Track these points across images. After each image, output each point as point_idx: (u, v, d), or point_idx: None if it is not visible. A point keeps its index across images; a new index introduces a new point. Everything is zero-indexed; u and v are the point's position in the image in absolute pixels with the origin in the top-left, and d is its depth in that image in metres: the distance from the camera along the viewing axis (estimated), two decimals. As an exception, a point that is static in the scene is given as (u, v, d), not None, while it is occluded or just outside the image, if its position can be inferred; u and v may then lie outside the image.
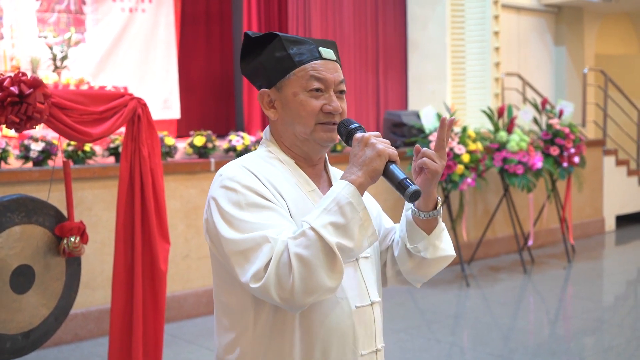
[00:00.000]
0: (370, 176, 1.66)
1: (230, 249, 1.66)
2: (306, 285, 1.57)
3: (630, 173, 10.04)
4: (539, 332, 5.62)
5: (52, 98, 3.20)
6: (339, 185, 1.65)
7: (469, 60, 9.07)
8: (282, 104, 1.82)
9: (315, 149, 1.84)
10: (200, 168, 5.89)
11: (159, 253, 3.69)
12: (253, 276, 1.60)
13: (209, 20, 10.69)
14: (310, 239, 1.58)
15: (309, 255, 1.57)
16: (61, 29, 8.68)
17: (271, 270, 1.58)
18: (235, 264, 1.65)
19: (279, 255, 1.59)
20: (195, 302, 5.85)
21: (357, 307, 1.79)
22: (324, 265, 1.58)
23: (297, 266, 1.57)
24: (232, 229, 1.67)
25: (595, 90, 10.86)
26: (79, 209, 5.11)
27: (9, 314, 3.32)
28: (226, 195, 1.71)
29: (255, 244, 1.62)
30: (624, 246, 9.18)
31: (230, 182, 1.72)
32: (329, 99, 1.79)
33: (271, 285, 1.58)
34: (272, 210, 1.69)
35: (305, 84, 1.78)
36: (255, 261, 1.61)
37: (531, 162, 7.12)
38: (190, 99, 10.25)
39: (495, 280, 7.05)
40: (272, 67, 1.81)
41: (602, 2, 9.93)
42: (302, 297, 1.58)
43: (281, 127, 1.84)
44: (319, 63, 1.79)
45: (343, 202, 1.61)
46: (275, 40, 1.82)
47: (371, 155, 1.66)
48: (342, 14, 9.27)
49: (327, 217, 1.60)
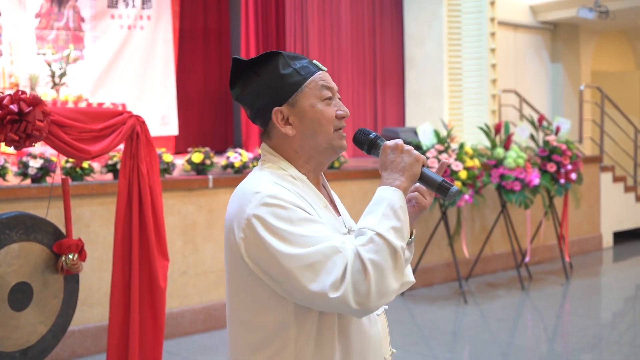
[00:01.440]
0: (411, 180, 1.78)
1: (294, 264, 1.67)
2: (379, 288, 1.64)
3: (628, 189, 10.05)
4: (536, 349, 5.61)
5: (52, 116, 3.21)
6: (387, 191, 1.74)
7: (466, 77, 9.11)
8: (300, 118, 1.85)
9: (331, 157, 1.91)
10: (198, 185, 5.90)
11: (158, 270, 3.69)
12: (331, 286, 1.64)
13: (207, 37, 10.75)
14: (378, 244, 1.66)
15: (380, 259, 1.65)
16: (60, 46, 8.73)
17: (348, 279, 1.64)
18: (301, 278, 1.66)
19: (352, 263, 1.65)
20: (193, 319, 5.84)
21: (378, 314, 1.90)
22: (392, 267, 1.67)
23: (372, 271, 1.64)
24: (289, 245, 1.68)
25: (592, 106, 10.91)
26: (76, 225, 5.11)
27: (6, 331, 3.31)
28: (273, 213, 1.71)
29: (324, 256, 1.66)
30: (621, 263, 9.18)
31: (273, 200, 1.72)
32: (337, 104, 1.88)
33: (349, 293, 1.63)
34: (319, 223, 1.74)
35: (319, 93, 1.85)
36: (329, 272, 1.65)
37: (528, 179, 7.14)
38: (188, 115, 10.28)
39: (493, 297, 7.05)
40: (281, 85, 1.84)
41: (598, 20, 9.99)
42: (376, 300, 1.65)
43: (301, 141, 1.86)
44: (321, 73, 1.87)
45: (397, 207, 1.71)
46: (279, 58, 1.85)
47: (410, 161, 1.78)
48: (340, 30, 9.32)
49: (388, 222, 1.69)
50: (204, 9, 10.69)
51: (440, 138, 6.86)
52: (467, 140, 8.27)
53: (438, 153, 6.73)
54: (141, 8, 9.26)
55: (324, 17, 9.18)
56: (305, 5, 8.98)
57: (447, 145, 6.83)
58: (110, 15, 9.09)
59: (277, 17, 9.84)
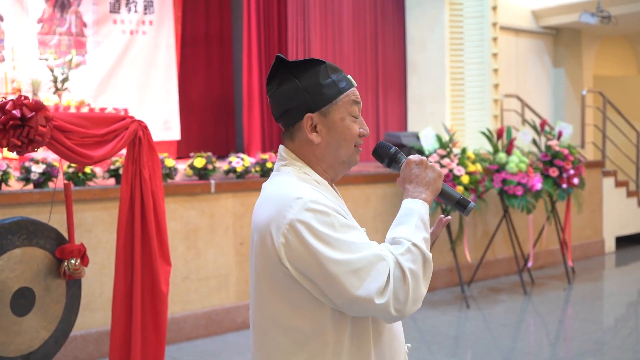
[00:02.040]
0: (434, 194, 1.92)
1: (340, 269, 1.73)
2: (414, 295, 1.75)
3: (630, 194, 10.04)
4: (539, 353, 5.60)
5: (54, 121, 3.22)
6: (416, 203, 1.87)
7: (468, 82, 9.12)
8: (328, 128, 1.91)
9: (345, 170, 1.99)
10: (201, 190, 5.90)
11: (160, 274, 3.69)
12: (377, 292, 1.72)
13: (209, 42, 10.76)
14: (414, 254, 1.77)
15: (417, 268, 1.76)
16: (62, 51, 8.74)
17: (391, 285, 1.73)
18: (346, 283, 1.72)
19: (393, 271, 1.74)
20: (195, 324, 5.84)
21: None
22: (425, 276, 1.78)
23: (410, 279, 1.74)
24: (335, 250, 1.74)
25: (594, 111, 10.91)
26: (78, 230, 5.11)
27: (9, 336, 3.31)
28: (317, 218, 1.76)
29: (369, 263, 1.74)
30: (624, 267, 9.16)
31: (317, 205, 1.77)
32: (361, 123, 1.95)
33: (391, 299, 1.72)
34: (357, 229, 1.82)
35: (350, 109, 1.92)
36: (374, 279, 1.73)
37: (530, 184, 7.13)
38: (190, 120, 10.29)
39: (496, 302, 7.04)
40: (318, 93, 1.90)
41: (600, 25, 9.99)
42: (411, 307, 1.75)
43: (324, 150, 1.93)
44: (354, 90, 1.95)
45: (425, 219, 1.85)
46: (322, 67, 1.92)
47: (434, 176, 1.92)
48: (342, 35, 9.33)
49: (421, 233, 1.81)
50: (206, 14, 10.71)
51: (442, 143, 6.86)
52: (469, 145, 8.28)
53: (440, 158, 6.73)
54: (143, 13, 9.27)
55: (326, 22, 9.19)
56: (308, 10, 8.99)
57: (449, 150, 6.83)
58: (113, 20, 9.11)
59: (279, 22, 9.85)
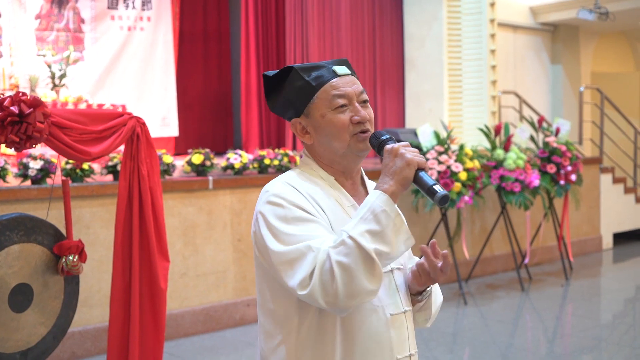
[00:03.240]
0: (401, 184, 1.78)
1: (278, 259, 1.78)
2: (348, 289, 1.70)
3: (627, 191, 10.05)
4: (536, 350, 5.61)
5: (52, 117, 3.21)
6: (373, 194, 1.77)
7: (466, 79, 9.12)
8: (314, 128, 1.94)
9: (354, 160, 1.95)
10: (199, 186, 5.90)
11: (158, 271, 3.69)
12: (300, 284, 1.73)
13: (207, 38, 10.75)
14: (349, 246, 1.71)
15: (349, 262, 1.70)
16: (60, 47, 8.73)
17: (316, 278, 1.71)
18: (282, 273, 1.78)
19: (322, 264, 1.72)
20: (193, 320, 5.84)
21: (392, 314, 1.92)
22: (363, 270, 1.70)
23: (338, 273, 1.69)
24: (278, 242, 1.80)
25: (592, 108, 10.91)
26: (76, 226, 5.12)
27: (7, 332, 3.31)
28: (273, 211, 1.84)
29: (300, 254, 1.75)
30: (621, 264, 9.18)
31: (276, 198, 1.85)
32: (354, 110, 1.91)
33: (317, 292, 1.71)
34: (315, 222, 1.82)
35: (329, 103, 1.91)
36: (301, 270, 1.74)
37: (528, 180, 7.14)
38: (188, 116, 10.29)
39: (493, 298, 7.05)
40: (295, 97, 1.94)
41: (597, 21, 9.99)
42: (345, 300, 1.71)
43: (319, 148, 1.96)
44: (336, 80, 1.92)
45: (377, 210, 1.74)
46: (292, 72, 1.94)
47: (401, 164, 1.78)
48: (340, 32, 9.32)
49: (364, 226, 1.73)
50: (204, 10, 10.70)
51: (440, 139, 6.86)
52: (467, 142, 8.28)
53: (438, 154, 6.74)
54: (141, 9, 9.26)
55: (324, 19, 9.18)
56: (305, 7, 8.98)
57: (447, 146, 6.84)
58: (111, 16, 9.10)
59: (277, 19, 9.84)
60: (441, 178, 6.64)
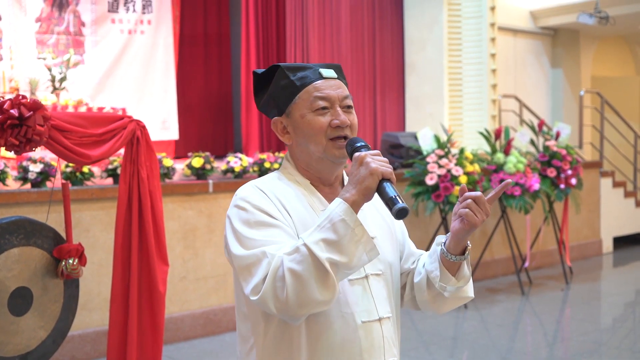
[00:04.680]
0: (363, 194, 1.72)
1: (238, 264, 1.78)
2: (299, 298, 1.66)
3: (627, 195, 10.05)
4: (536, 354, 5.60)
5: (52, 120, 3.21)
6: (334, 203, 1.72)
7: (466, 82, 9.12)
8: (294, 128, 1.92)
9: (330, 168, 1.93)
10: (198, 189, 5.90)
11: (157, 275, 3.68)
12: (252, 289, 1.71)
13: (207, 41, 10.76)
14: (302, 254, 1.67)
15: (301, 270, 1.66)
16: (60, 50, 8.73)
17: (267, 284, 1.68)
18: (241, 277, 1.77)
19: (275, 270, 1.68)
20: (193, 324, 5.83)
21: (363, 321, 1.85)
22: (316, 279, 1.66)
23: (290, 280, 1.66)
24: (240, 246, 1.79)
25: (592, 112, 10.91)
26: (76, 230, 5.11)
27: (6, 336, 3.31)
28: (237, 215, 1.83)
29: (257, 259, 1.73)
30: (621, 268, 9.17)
31: (242, 202, 1.84)
32: (335, 114, 1.87)
33: (268, 298, 1.68)
34: (278, 228, 1.79)
35: (310, 104, 1.88)
36: (255, 275, 1.72)
37: (528, 184, 7.14)
38: (188, 120, 10.28)
39: (493, 302, 7.04)
40: (279, 96, 1.92)
41: (598, 25, 10.00)
42: (295, 309, 1.68)
43: (297, 149, 1.94)
44: (320, 82, 1.89)
45: (336, 220, 1.69)
46: (278, 70, 1.92)
47: (364, 174, 1.72)
48: (340, 35, 9.32)
49: (320, 234, 1.68)
50: (204, 13, 10.70)
51: (441, 143, 6.86)
52: (467, 145, 8.28)
53: (438, 158, 6.74)
54: (142, 13, 9.26)
55: (324, 22, 9.18)
56: (306, 10, 8.98)
57: (447, 150, 6.84)
58: (111, 19, 9.10)
59: (278, 22, 9.84)
60: (441, 182, 6.64)
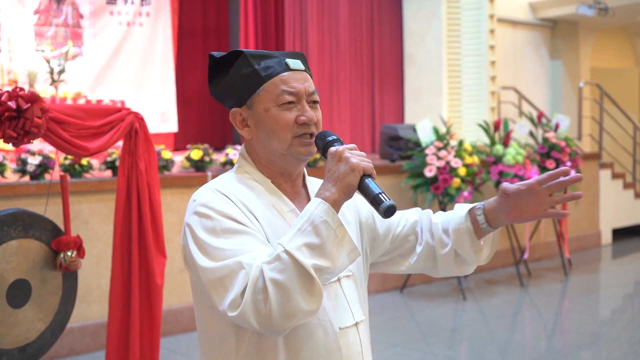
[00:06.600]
0: (344, 192, 1.60)
1: (207, 277, 1.61)
2: (284, 310, 1.52)
3: (626, 186, 10.05)
4: (535, 346, 5.61)
5: (50, 113, 3.21)
6: (313, 203, 1.59)
7: (465, 74, 9.11)
8: (255, 122, 1.76)
9: (294, 163, 1.78)
10: (197, 182, 5.89)
11: (155, 267, 3.69)
12: (230, 304, 1.55)
13: (206, 34, 10.74)
14: (284, 262, 1.53)
15: (284, 279, 1.52)
16: (59, 42, 8.71)
17: (247, 297, 1.53)
18: (212, 292, 1.59)
19: (254, 281, 1.54)
20: (192, 316, 5.83)
21: (341, 328, 1.74)
22: (301, 288, 1.52)
23: (273, 291, 1.52)
24: (207, 258, 1.62)
25: (591, 103, 10.90)
26: (75, 222, 5.11)
27: (5, 328, 3.31)
28: (200, 223, 1.66)
29: (231, 271, 1.56)
30: (620, 259, 9.18)
31: (203, 209, 1.67)
32: (302, 109, 1.74)
33: (248, 312, 1.53)
34: (248, 234, 1.63)
35: (276, 98, 1.73)
36: (231, 289, 1.56)
37: (527, 176, 7.13)
38: (187, 112, 10.27)
39: (492, 294, 7.05)
40: (240, 85, 1.76)
41: (597, 16, 9.99)
42: (280, 322, 1.53)
43: (257, 144, 1.79)
44: (287, 74, 1.74)
45: (317, 221, 1.55)
46: (241, 57, 1.76)
47: (345, 170, 1.60)
48: (339, 27, 9.31)
49: (302, 239, 1.54)
50: (203, 5, 10.68)
51: (439, 135, 6.86)
52: (466, 137, 8.28)
53: (437, 150, 6.73)
54: (140, 5, 9.24)
55: (323, 14, 9.17)
56: (305, 2, 8.97)
57: (446, 142, 6.83)
58: (109, 12, 9.08)
59: (276, 14, 9.82)
60: (440, 174, 6.63)
